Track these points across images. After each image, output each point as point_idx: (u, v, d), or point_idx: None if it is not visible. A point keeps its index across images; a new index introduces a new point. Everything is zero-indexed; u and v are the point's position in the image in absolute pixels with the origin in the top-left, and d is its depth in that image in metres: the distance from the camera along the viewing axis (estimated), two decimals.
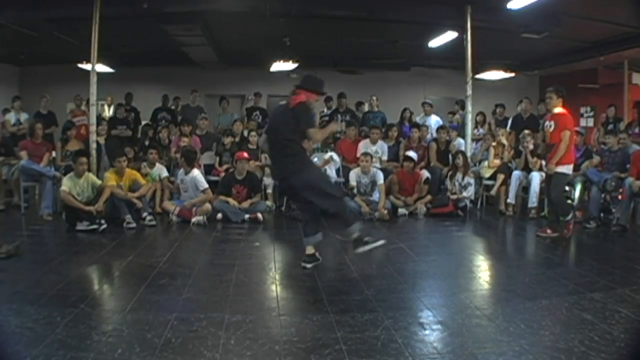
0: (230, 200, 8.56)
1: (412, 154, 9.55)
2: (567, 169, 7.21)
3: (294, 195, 5.91)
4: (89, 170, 8.36)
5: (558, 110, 7.22)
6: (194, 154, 8.85)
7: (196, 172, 8.63)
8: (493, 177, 9.66)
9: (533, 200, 8.97)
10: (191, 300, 4.63)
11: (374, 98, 12.50)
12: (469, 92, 10.39)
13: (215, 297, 4.72)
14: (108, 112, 13.00)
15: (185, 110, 12.59)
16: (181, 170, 8.75)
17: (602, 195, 8.37)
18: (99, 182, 8.10)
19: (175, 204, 8.57)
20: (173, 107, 13.13)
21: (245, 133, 10.79)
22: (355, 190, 8.84)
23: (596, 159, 8.93)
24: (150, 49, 13.34)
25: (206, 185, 8.57)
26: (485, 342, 3.73)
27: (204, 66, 14.26)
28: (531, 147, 9.24)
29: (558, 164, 7.09)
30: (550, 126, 7.17)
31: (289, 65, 12.82)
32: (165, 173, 9.29)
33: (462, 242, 7.78)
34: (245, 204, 8.61)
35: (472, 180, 9.31)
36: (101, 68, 10.71)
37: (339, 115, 12.03)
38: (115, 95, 13.13)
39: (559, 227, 7.35)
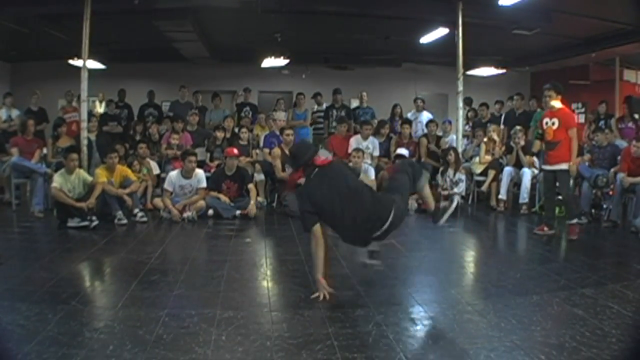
0: (222, 196, 8.54)
1: (403, 151, 9.55)
2: (568, 166, 7.19)
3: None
4: (80, 166, 8.32)
5: (559, 106, 7.10)
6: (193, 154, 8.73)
7: (201, 173, 8.60)
8: (484, 173, 9.70)
9: (524, 196, 9.00)
10: (182, 296, 4.63)
11: (364, 94, 12.51)
12: (460, 88, 10.42)
13: (206, 293, 4.72)
14: (99, 109, 12.93)
15: (174, 106, 12.54)
16: (175, 174, 8.55)
17: (593, 191, 8.40)
18: (90, 178, 8.06)
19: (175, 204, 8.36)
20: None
21: (236, 129, 10.76)
22: None
23: (587, 155, 8.96)
24: (141, 45, 13.27)
25: (205, 185, 8.56)
26: (477, 338, 3.74)
27: (196, 62, 14.21)
28: (522, 143, 9.26)
29: (564, 161, 7.02)
30: (554, 123, 7.04)
31: (281, 61, 12.80)
32: (156, 170, 9.25)
33: (453, 238, 7.78)
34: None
35: (463, 176, 9.32)
36: (92, 64, 10.66)
37: (334, 111, 12.01)
38: (106, 92, 13.03)
39: (557, 224, 7.38)
